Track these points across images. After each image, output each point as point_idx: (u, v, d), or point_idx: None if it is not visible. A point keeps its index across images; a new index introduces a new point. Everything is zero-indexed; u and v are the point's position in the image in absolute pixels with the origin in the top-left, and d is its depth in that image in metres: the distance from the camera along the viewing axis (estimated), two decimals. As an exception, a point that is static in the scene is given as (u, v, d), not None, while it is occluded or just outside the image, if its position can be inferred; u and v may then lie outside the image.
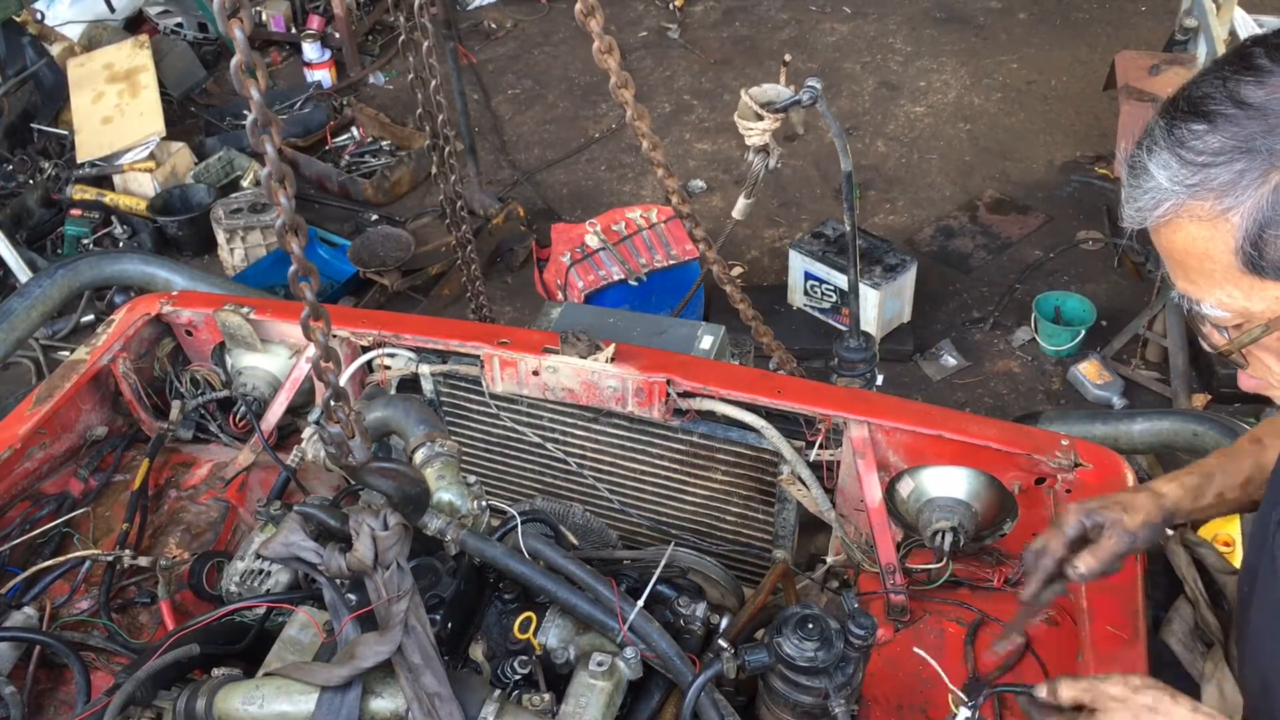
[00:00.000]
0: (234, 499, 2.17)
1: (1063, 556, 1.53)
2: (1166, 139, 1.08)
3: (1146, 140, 1.10)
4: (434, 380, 2.29)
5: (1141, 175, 1.10)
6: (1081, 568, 1.50)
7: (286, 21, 6.70)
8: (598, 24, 2.07)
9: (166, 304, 2.37)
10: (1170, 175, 1.07)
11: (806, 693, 1.53)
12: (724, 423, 2.10)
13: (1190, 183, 1.06)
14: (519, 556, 1.63)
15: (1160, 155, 1.08)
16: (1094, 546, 1.51)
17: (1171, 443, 2.39)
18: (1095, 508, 1.53)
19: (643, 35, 6.88)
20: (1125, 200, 1.13)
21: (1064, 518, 1.55)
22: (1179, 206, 1.08)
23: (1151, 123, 1.11)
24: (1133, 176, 1.12)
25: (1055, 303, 4.54)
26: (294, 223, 1.38)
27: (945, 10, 6.87)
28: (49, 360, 4.48)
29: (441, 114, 2.96)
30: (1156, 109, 1.13)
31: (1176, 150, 1.07)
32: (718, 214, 5.26)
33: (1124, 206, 1.14)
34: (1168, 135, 1.08)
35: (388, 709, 1.47)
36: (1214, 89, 1.06)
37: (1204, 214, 1.06)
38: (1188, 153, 1.06)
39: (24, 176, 5.41)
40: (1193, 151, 1.06)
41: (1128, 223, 1.14)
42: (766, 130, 2.93)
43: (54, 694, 1.80)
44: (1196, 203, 1.06)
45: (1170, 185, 1.07)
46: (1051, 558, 1.53)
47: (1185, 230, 1.09)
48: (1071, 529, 1.53)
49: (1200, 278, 1.12)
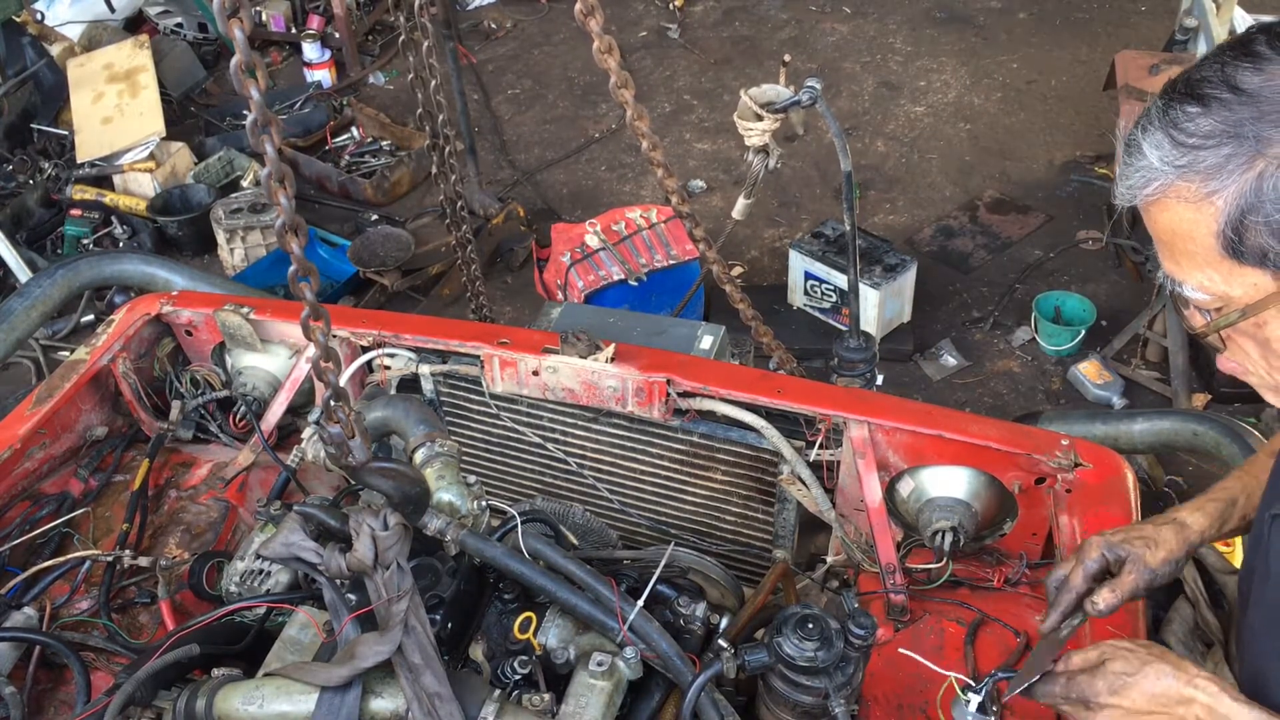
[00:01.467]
0: (234, 499, 2.16)
1: (1083, 591, 1.50)
2: (1161, 119, 1.10)
3: (1143, 120, 1.12)
4: (434, 380, 2.29)
5: (1135, 153, 1.12)
6: (1101, 604, 1.46)
7: (286, 21, 6.70)
8: (598, 24, 2.07)
9: (166, 304, 2.37)
10: (1161, 155, 1.09)
11: (806, 693, 1.53)
12: (724, 423, 2.10)
13: (1179, 163, 1.08)
14: (519, 556, 1.63)
15: (1154, 135, 1.10)
16: (1114, 581, 1.48)
17: (1171, 443, 2.39)
18: (1118, 541, 1.50)
19: (643, 35, 6.87)
20: (1119, 177, 1.15)
21: (1086, 550, 1.51)
22: (1167, 186, 1.09)
23: (1150, 103, 1.13)
24: (1127, 154, 1.13)
25: (1055, 303, 4.53)
26: (294, 223, 1.38)
27: (945, 10, 6.86)
28: (49, 360, 4.48)
29: (441, 114, 2.97)
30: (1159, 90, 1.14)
31: (1169, 130, 1.08)
32: (718, 214, 5.26)
33: (1117, 183, 1.15)
34: (1163, 115, 1.10)
35: (388, 709, 1.47)
36: (1212, 73, 1.07)
37: (1190, 195, 1.08)
38: (1179, 134, 1.08)
39: (24, 176, 5.41)
40: (1184, 133, 1.07)
41: (1119, 200, 1.16)
42: (766, 131, 2.93)
43: (54, 694, 1.79)
44: (1184, 184, 1.08)
45: (1160, 165, 1.09)
46: (1074, 592, 1.50)
47: (1172, 210, 1.11)
48: (1093, 563, 1.50)
49: (1184, 259, 1.13)
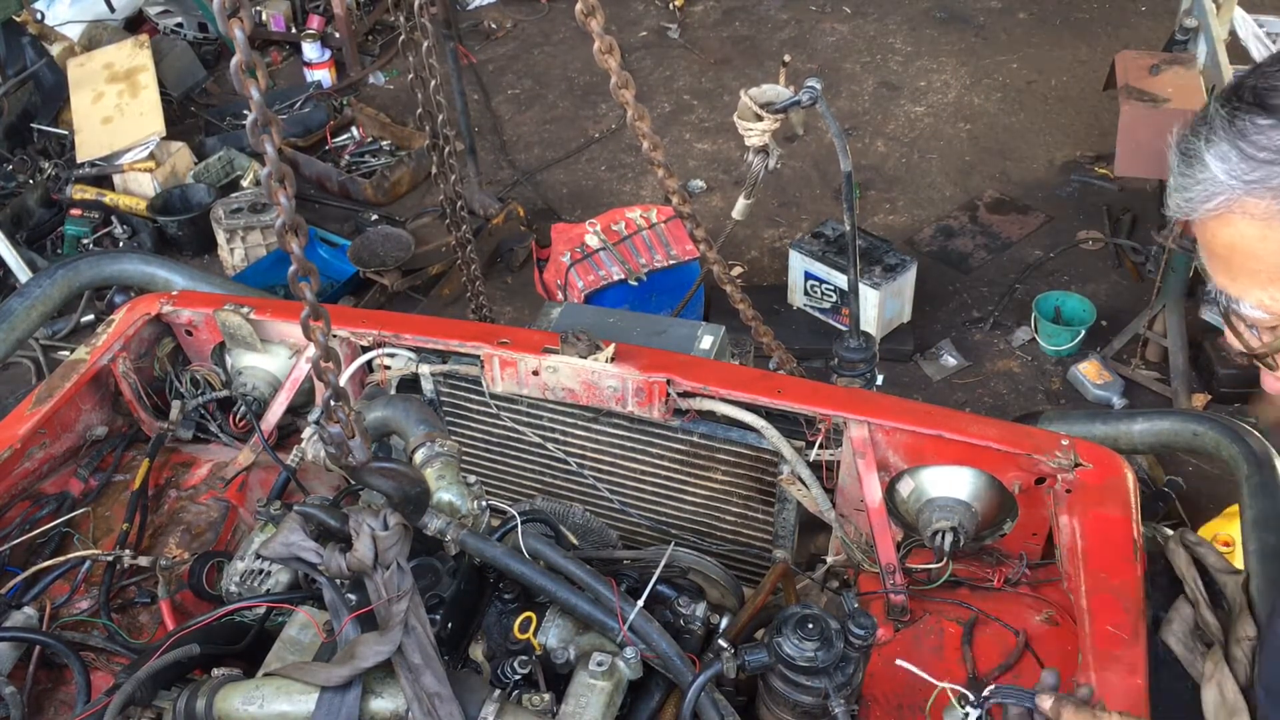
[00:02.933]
0: (234, 499, 2.16)
1: None
2: (1227, 129, 1.01)
3: (1204, 129, 1.04)
4: (434, 380, 2.29)
5: (1195, 165, 1.04)
6: None
7: (286, 21, 6.70)
8: (598, 24, 2.06)
9: (166, 304, 2.37)
10: (1228, 169, 1.01)
11: (806, 693, 1.53)
12: (724, 423, 2.09)
13: (1249, 179, 1.00)
14: (519, 556, 1.63)
15: (1219, 146, 1.02)
16: None
17: (1171, 443, 2.38)
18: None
19: (643, 35, 6.87)
20: (1174, 189, 1.07)
21: None
22: (1232, 201, 1.02)
23: (1210, 110, 1.04)
24: (1185, 165, 1.05)
25: (1055, 303, 4.54)
26: (294, 223, 1.38)
27: (945, 10, 6.86)
28: (49, 360, 4.48)
29: (441, 114, 2.97)
30: (1216, 95, 1.06)
31: (1237, 143, 1.01)
32: (718, 214, 5.26)
33: (1171, 195, 1.07)
34: (1228, 126, 1.01)
35: (388, 709, 1.47)
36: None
37: (1258, 212, 1.01)
38: (1249, 146, 1.00)
39: (24, 176, 5.41)
40: (1254, 146, 1.00)
41: (1173, 212, 1.08)
42: (766, 131, 2.93)
43: (54, 694, 1.79)
44: (1253, 200, 1.01)
45: (1227, 179, 1.01)
46: None
47: (1235, 226, 1.03)
48: None
49: (1243, 276, 1.06)
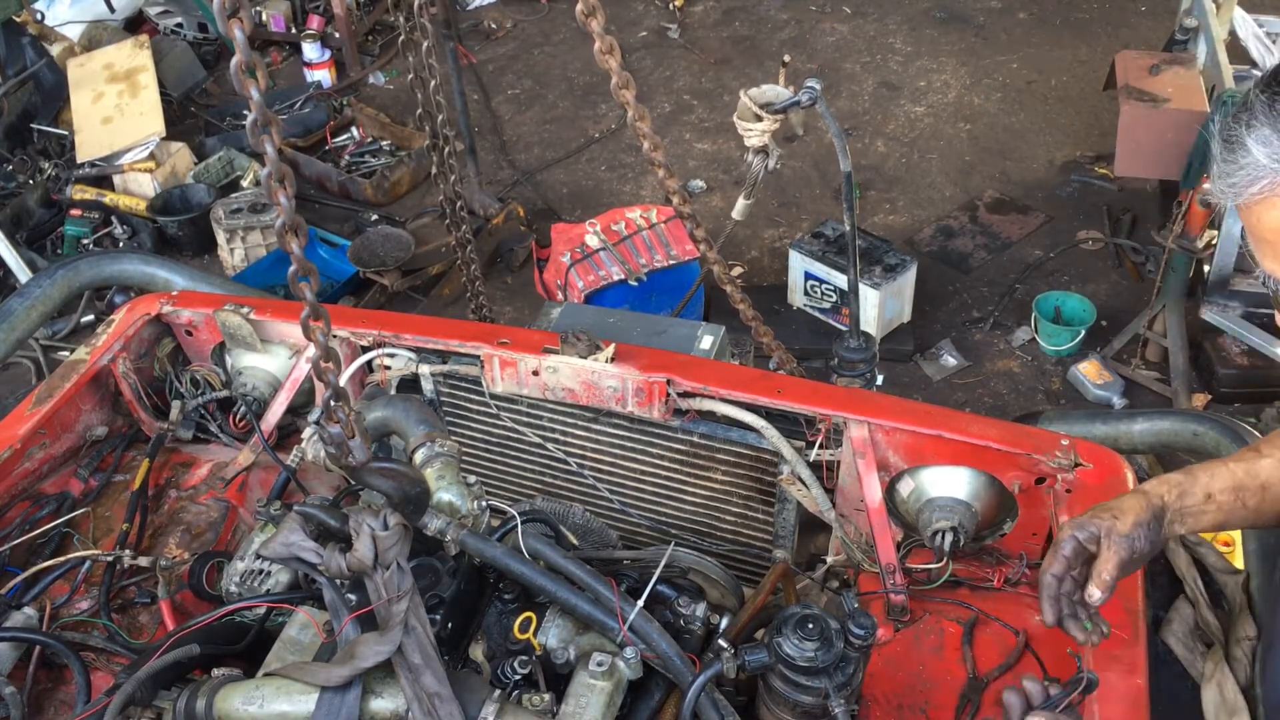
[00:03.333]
0: (234, 499, 2.16)
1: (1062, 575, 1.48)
2: (1268, 114, 1.03)
3: (1245, 115, 1.06)
4: (434, 380, 2.28)
5: (1238, 150, 1.06)
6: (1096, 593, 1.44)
7: (286, 21, 6.70)
8: (599, 24, 2.06)
9: (166, 304, 2.37)
10: (1270, 152, 1.03)
11: (806, 693, 1.53)
12: (724, 423, 2.09)
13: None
14: (519, 556, 1.63)
15: (1260, 131, 1.04)
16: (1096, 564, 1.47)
17: (1171, 443, 2.38)
18: (1084, 520, 1.50)
19: (643, 35, 6.87)
20: (1217, 175, 1.09)
21: (1058, 538, 1.51)
22: (1277, 185, 1.04)
23: (1250, 96, 1.07)
24: (1228, 151, 1.07)
25: (1055, 303, 4.54)
26: (294, 223, 1.38)
27: (945, 10, 6.86)
28: (49, 360, 4.48)
29: (441, 114, 2.97)
30: (1256, 82, 1.08)
31: (1279, 127, 1.03)
32: (718, 214, 5.26)
33: (1214, 181, 1.09)
34: (1269, 110, 1.03)
35: (388, 709, 1.47)
36: None
37: None
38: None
39: (24, 176, 5.41)
40: None
41: (1217, 198, 1.10)
42: (766, 131, 2.93)
43: (54, 694, 1.79)
44: None
45: (1269, 163, 1.03)
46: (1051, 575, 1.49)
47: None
48: (1066, 545, 1.49)
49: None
